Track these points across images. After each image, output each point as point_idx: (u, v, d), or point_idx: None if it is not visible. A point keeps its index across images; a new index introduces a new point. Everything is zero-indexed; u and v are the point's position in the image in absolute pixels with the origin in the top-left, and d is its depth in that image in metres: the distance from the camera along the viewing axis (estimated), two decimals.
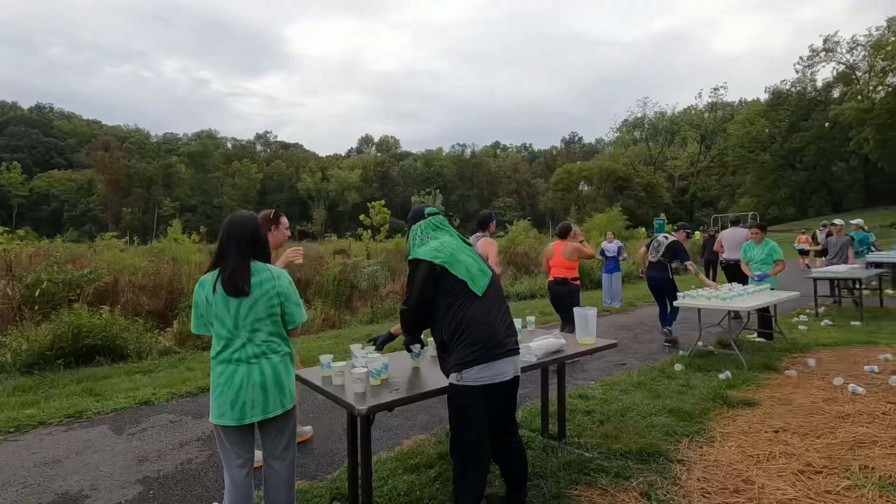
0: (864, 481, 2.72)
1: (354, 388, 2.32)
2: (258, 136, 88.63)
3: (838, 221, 9.45)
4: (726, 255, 7.83)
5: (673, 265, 6.44)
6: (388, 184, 75.70)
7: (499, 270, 5.00)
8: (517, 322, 3.56)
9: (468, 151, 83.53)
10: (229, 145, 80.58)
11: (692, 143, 59.92)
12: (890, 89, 37.69)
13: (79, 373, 5.62)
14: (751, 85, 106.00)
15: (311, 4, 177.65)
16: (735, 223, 8.25)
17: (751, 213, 38.96)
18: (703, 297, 5.63)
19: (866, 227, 11.48)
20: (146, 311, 7.45)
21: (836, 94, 45.27)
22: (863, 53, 42.39)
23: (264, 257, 2.21)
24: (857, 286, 8.09)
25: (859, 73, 43.12)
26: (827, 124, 42.30)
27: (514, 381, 2.32)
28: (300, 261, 3.40)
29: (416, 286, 2.27)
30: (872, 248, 10.71)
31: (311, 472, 3.20)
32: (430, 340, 2.79)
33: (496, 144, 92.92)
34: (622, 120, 65.91)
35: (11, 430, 3.99)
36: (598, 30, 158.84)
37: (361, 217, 12.25)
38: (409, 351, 2.73)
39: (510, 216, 49.64)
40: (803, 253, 17.81)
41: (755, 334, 6.51)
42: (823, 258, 9.81)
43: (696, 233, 22.52)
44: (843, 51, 44.41)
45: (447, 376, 2.26)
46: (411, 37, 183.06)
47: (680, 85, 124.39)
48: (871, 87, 40.22)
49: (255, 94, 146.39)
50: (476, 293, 2.20)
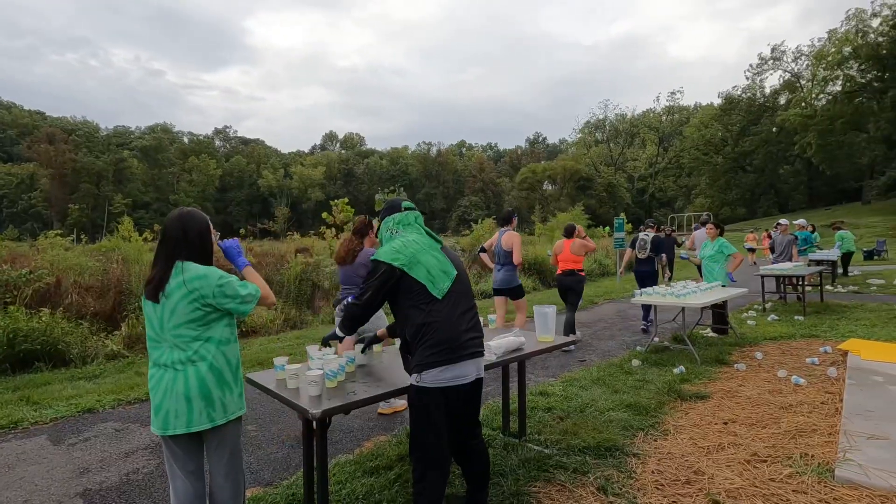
0: (805, 468, 2.86)
1: (309, 390, 2.25)
2: (217, 131, 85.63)
3: (783, 221, 9.95)
4: (696, 253, 8.34)
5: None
6: (352, 181, 74.73)
7: (517, 261, 5.66)
8: None
9: (434, 150, 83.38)
10: (185, 140, 77.51)
11: (651, 145, 61.94)
12: (830, 97, 40.04)
13: (15, 380, 5.27)
14: (705, 90, 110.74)
15: None
16: (705, 223, 8.73)
17: (705, 213, 40.66)
18: (659, 293, 5.80)
19: (810, 227, 12.17)
20: (92, 314, 7.06)
21: (782, 100, 47.73)
22: (806, 63, 44.91)
23: (199, 257, 2.04)
24: (801, 282, 8.54)
25: (803, 82, 45.65)
26: (774, 129, 44.55)
27: (477, 383, 2.31)
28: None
29: (372, 285, 2.23)
30: (816, 248, 11.36)
31: (266, 478, 3.09)
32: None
33: (462, 143, 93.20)
34: (584, 121, 67.71)
35: None
36: (561, 32, 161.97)
37: (324, 215, 12.01)
38: (326, 345, 2.56)
39: (476, 215, 49.95)
40: (751, 251, 18.83)
41: (708, 329, 6.78)
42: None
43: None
44: (789, 60, 46.96)
45: (410, 376, 2.24)
46: (376, 33, 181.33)
47: (639, 88, 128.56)
48: (813, 95, 42.60)
49: (213, 86, 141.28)
50: (435, 296, 2.17)
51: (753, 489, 2.69)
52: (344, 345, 3.23)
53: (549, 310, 3.30)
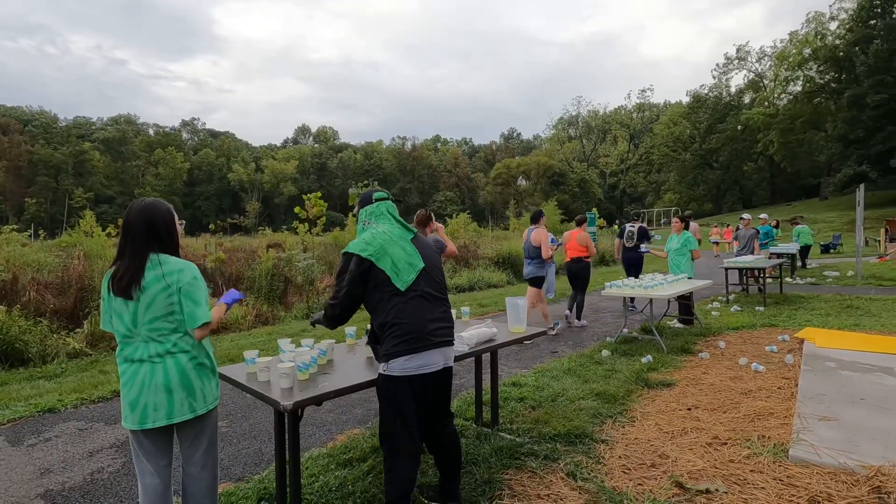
0: (762, 449, 3.00)
1: (280, 383, 2.24)
2: (184, 123, 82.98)
3: (746, 216, 10.33)
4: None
5: (642, 247, 8.03)
6: (326, 176, 73.67)
7: (546, 255, 6.36)
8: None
9: (409, 144, 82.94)
10: (151, 132, 74.86)
11: (622, 142, 63.15)
12: (791, 97, 41.60)
13: None
14: (674, 88, 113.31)
15: None
16: (689, 218, 10.19)
17: (674, 208, 41.80)
18: (628, 286, 5.95)
19: (773, 222, 12.67)
20: (52, 311, 6.78)
21: (746, 99, 49.31)
22: (769, 63, 46.48)
23: (170, 249, 2.02)
24: (762, 275, 8.90)
25: (766, 81, 47.25)
26: (739, 127, 46.00)
27: (445, 372, 2.33)
28: None
29: (345, 280, 2.23)
30: (776, 242, 11.84)
31: (237, 474, 3.06)
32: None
33: (437, 138, 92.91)
34: (558, 117, 68.40)
35: None
36: (536, 28, 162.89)
37: (297, 210, 11.83)
38: (312, 325, 2.58)
39: (451, 210, 50.03)
40: (715, 244, 19.56)
41: (675, 321, 6.99)
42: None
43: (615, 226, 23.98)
44: (753, 60, 48.51)
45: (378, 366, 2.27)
46: (351, 25, 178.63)
47: (611, 85, 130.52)
48: (775, 95, 44.16)
49: (180, 77, 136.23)
50: (399, 287, 2.18)
51: (714, 470, 2.81)
52: None
53: (521, 301, 3.36)
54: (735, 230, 14.55)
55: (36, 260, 8.41)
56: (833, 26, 38.38)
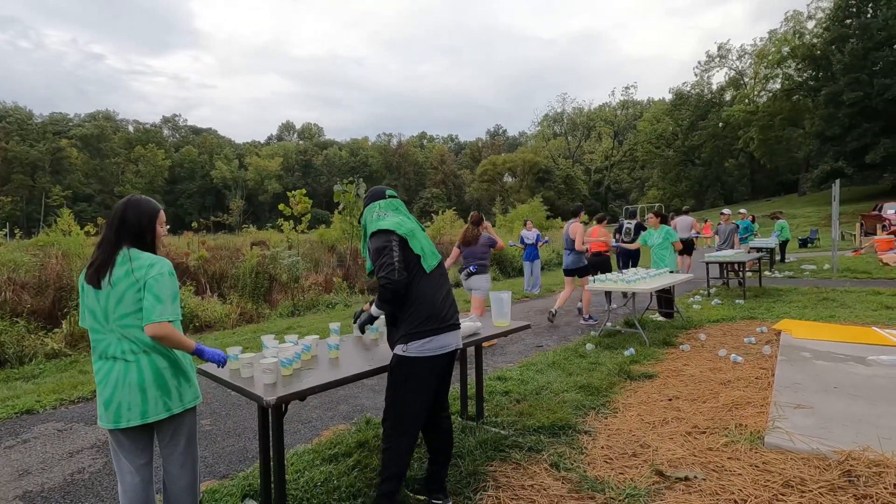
0: (739, 437, 3.08)
1: (264, 378, 2.23)
2: (165, 120, 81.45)
3: (726, 211, 10.52)
4: (679, 234, 10.17)
5: (612, 242, 8.39)
6: (311, 173, 73.04)
7: (578, 247, 6.98)
8: None
9: (394, 141, 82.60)
10: (131, 128, 73.29)
11: (606, 139, 63.71)
12: (770, 94, 42.39)
13: None
14: (657, 85, 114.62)
15: None
16: (685, 212, 11.36)
17: (657, 204, 42.33)
18: (611, 280, 6.03)
19: (750, 217, 12.93)
20: (29, 312, 6.64)
21: (727, 96, 50.06)
22: (749, 61, 47.29)
23: (144, 245, 1.99)
24: (741, 269, 9.08)
25: (746, 79, 48.05)
26: (720, 124, 46.74)
27: (454, 355, 2.43)
28: None
29: (390, 253, 2.24)
30: (754, 236, 12.10)
31: (221, 471, 3.05)
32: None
33: (423, 135, 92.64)
34: (543, 114, 68.85)
35: None
36: (521, 25, 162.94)
37: (281, 207, 11.72)
38: (362, 332, 2.68)
39: (437, 207, 49.98)
40: (695, 237, 19.93)
41: (657, 314, 7.11)
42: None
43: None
44: (734, 58, 49.28)
45: (392, 348, 2.35)
46: (334, 20, 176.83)
47: (595, 82, 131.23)
48: (755, 92, 44.95)
49: (160, 72, 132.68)
50: (426, 269, 2.31)
51: (693, 458, 2.88)
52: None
53: (505, 295, 3.39)
54: (716, 225, 14.86)
55: (12, 260, 8.20)
56: (811, 25, 39.18)
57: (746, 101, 44.15)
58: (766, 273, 11.26)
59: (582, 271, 7.09)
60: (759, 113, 40.95)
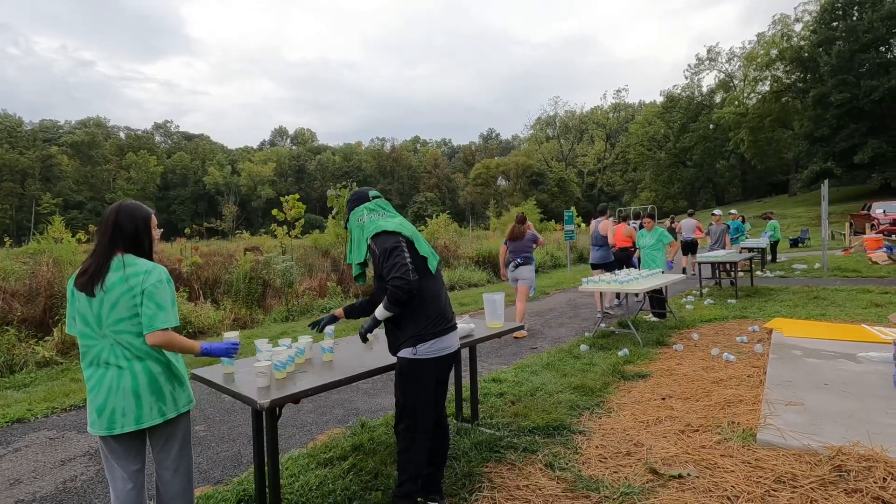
0: (731, 435, 3.11)
1: (258, 382, 2.23)
2: (157, 126, 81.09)
3: (717, 212, 10.60)
4: (684, 235, 11.82)
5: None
6: (304, 178, 72.90)
7: (612, 241, 7.58)
8: None
9: (388, 145, 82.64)
10: (122, 135, 72.84)
11: (599, 141, 64.09)
12: (760, 96, 42.85)
13: None
14: (648, 87, 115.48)
15: None
16: (691, 215, 12.61)
17: (650, 206, 42.54)
18: (604, 281, 6.06)
19: (740, 217, 13.05)
20: (20, 320, 6.58)
21: (717, 99, 50.53)
22: (738, 64, 47.79)
23: (140, 250, 1.99)
24: (733, 269, 9.15)
25: (736, 82, 48.52)
26: (711, 126, 47.17)
27: (458, 354, 2.47)
28: None
29: (401, 254, 2.19)
30: (746, 236, 12.21)
31: (216, 477, 3.03)
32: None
33: (416, 139, 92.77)
34: (536, 118, 69.15)
35: None
36: (512, 29, 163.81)
37: (275, 212, 11.68)
38: (364, 340, 2.50)
39: (431, 210, 49.98)
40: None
41: (650, 314, 7.15)
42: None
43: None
44: (723, 61, 49.78)
45: (394, 351, 2.35)
46: (326, 25, 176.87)
47: (587, 85, 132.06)
48: (745, 94, 45.41)
49: (152, 79, 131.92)
50: (431, 270, 2.33)
51: (686, 456, 2.90)
52: None
53: (498, 297, 3.40)
54: (708, 226, 15.00)
55: (2, 268, 8.12)
56: (798, 28, 39.69)
57: (736, 103, 44.60)
58: (758, 273, 11.35)
59: (609, 265, 7.62)
60: (748, 115, 41.37)
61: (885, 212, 18.12)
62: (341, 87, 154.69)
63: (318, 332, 2.76)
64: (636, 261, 8.85)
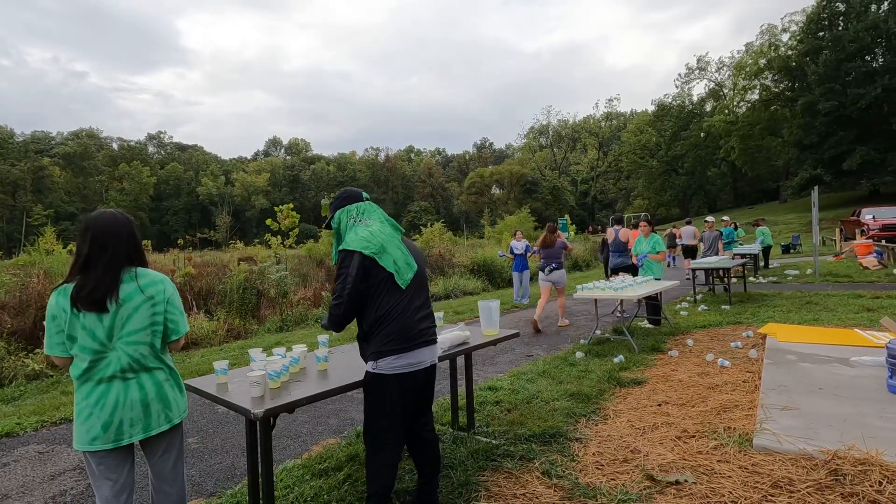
0: (728, 440, 3.10)
1: (252, 391, 2.21)
2: (150, 137, 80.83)
3: (710, 218, 10.69)
4: (684, 241, 12.54)
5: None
6: (298, 188, 72.87)
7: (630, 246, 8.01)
8: None
9: (382, 155, 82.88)
10: (115, 146, 72.60)
11: (591, 150, 64.63)
12: (749, 105, 43.45)
13: None
14: (640, 96, 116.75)
15: None
16: (689, 222, 13.32)
17: (643, 214, 42.84)
18: (599, 288, 6.08)
19: (732, 224, 13.16)
20: (9, 332, 6.50)
21: (708, 107, 51.19)
22: (728, 73, 48.48)
23: (143, 261, 2.00)
24: (727, 275, 9.21)
25: (726, 90, 49.20)
26: (702, 134, 47.73)
27: (431, 370, 2.38)
28: None
29: (349, 277, 2.18)
30: (738, 242, 12.30)
31: (209, 489, 2.99)
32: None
33: (410, 148, 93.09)
34: (529, 127, 69.63)
35: None
36: (505, 39, 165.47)
37: (268, 222, 11.65)
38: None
39: (426, 219, 50.04)
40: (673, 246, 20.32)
41: (645, 321, 7.17)
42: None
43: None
44: (713, 70, 50.50)
45: (366, 363, 2.30)
46: (320, 37, 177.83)
47: (580, 95, 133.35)
48: (735, 103, 46.02)
49: (145, 90, 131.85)
50: (400, 285, 2.23)
51: (683, 462, 2.89)
52: None
53: (494, 304, 3.40)
54: (701, 233, 15.11)
55: None
56: (785, 38, 40.36)
57: (726, 111, 45.16)
58: (751, 279, 11.43)
59: (627, 269, 7.99)
60: (738, 123, 41.89)
61: (874, 217, 18.31)
62: (335, 97, 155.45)
63: None
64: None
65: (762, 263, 13.80)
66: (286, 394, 2.26)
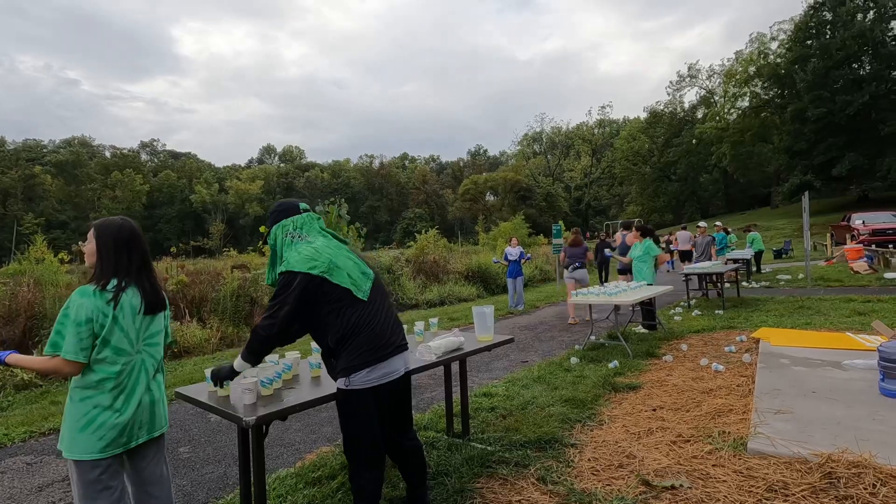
0: (722, 444, 3.10)
1: (244, 399, 2.18)
2: (143, 145, 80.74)
3: (702, 224, 10.76)
4: (679, 246, 13.77)
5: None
6: (292, 195, 72.22)
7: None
8: (420, 324, 3.61)
9: (376, 162, 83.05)
10: (107, 154, 72.34)
11: (585, 157, 65.08)
12: (740, 112, 44.01)
13: None
14: (632, 103, 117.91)
15: (200, 5, 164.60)
16: (684, 228, 14.56)
17: (636, 220, 43.09)
18: (593, 293, 6.09)
19: (725, 229, 13.26)
20: None
21: (699, 114, 51.77)
22: (718, 80, 49.09)
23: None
24: (720, 280, 9.26)
25: (717, 97, 49.79)
26: (694, 141, 48.21)
27: (406, 378, 2.32)
28: None
29: (288, 298, 2.04)
30: (730, 248, 12.39)
31: (200, 499, 2.95)
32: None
33: (405, 156, 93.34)
34: (523, 134, 70.31)
35: None
36: (498, 48, 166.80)
37: (262, 229, 11.59)
38: (219, 385, 2.24)
39: (420, 226, 50.07)
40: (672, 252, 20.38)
41: (639, 326, 7.18)
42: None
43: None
44: (704, 77, 51.13)
45: (335, 381, 2.19)
46: (314, 45, 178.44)
47: (573, 102, 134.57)
48: (725, 110, 46.57)
49: (138, 97, 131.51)
50: (361, 298, 2.14)
51: (678, 466, 2.89)
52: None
53: (488, 310, 3.40)
54: (693, 238, 15.21)
55: None
56: (774, 46, 40.98)
57: (717, 118, 45.68)
58: (744, 284, 11.49)
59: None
60: (729, 129, 42.37)
61: (864, 222, 18.52)
62: (329, 105, 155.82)
63: (219, 386, 2.28)
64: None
65: (755, 268, 13.89)
66: (279, 401, 2.24)
